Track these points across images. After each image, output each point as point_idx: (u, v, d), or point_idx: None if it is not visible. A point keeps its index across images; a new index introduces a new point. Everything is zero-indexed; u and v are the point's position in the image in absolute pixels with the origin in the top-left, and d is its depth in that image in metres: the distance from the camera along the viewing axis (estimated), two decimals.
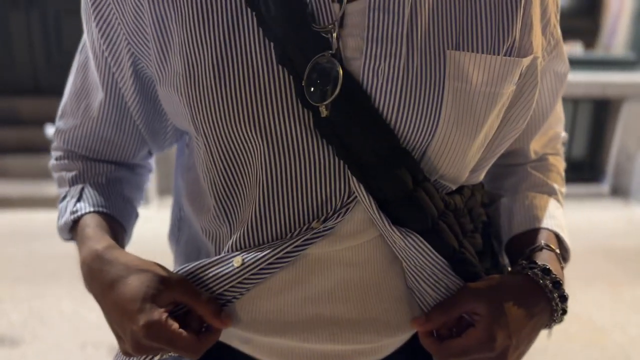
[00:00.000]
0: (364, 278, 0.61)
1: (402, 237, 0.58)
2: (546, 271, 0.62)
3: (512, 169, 0.76)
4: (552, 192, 0.74)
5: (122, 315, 0.58)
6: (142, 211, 0.73)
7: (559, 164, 0.78)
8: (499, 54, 0.56)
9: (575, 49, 4.49)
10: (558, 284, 0.61)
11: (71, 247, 2.95)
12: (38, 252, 3.31)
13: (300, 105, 0.54)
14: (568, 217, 0.75)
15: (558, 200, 0.73)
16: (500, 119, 0.61)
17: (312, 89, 0.52)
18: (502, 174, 0.77)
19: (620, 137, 4.38)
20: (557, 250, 0.65)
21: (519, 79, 0.59)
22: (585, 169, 4.58)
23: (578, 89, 4.23)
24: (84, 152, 0.73)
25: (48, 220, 3.81)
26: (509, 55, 0.56)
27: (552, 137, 0.77)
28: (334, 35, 0.53)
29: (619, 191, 4.45)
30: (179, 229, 0.74)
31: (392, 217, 0.58)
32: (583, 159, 4.59)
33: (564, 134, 0.80)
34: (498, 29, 0.56)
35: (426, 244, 0.59)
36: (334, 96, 0.52)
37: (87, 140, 0.71)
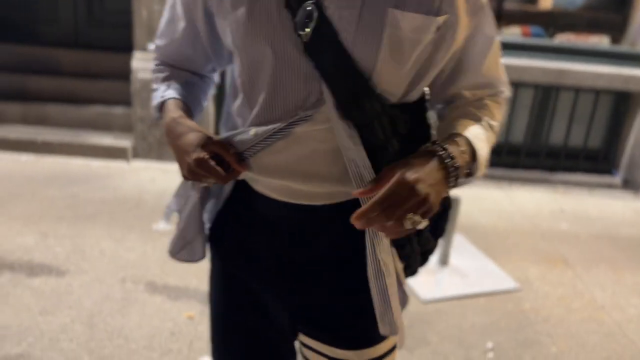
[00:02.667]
0: (326, 150, 0.93)
1: (345, 127, 0.88)
2: (436, 144, 0.88)
3: (455, 107, 1.03)
4: (478, 120, 0.98)
5: (183, 153, 0.94)
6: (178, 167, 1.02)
7: (495, 109, 1.02)
8: (421, 13, 0.84)
9: (601, 41, 4.58)
10: (447, 153, 0.86)
11: (109, 193, 3.38)
12: (78, 195, 3.53)
13: (295, 34, 0.85)
14: (579, 204, 0.94)
15: (482, 126, 0.97)
16: (426, 56, 0.89)
17: (301, 24, 0.84)
18: (450, 111, 1.04)
19: (637, 131, 4.48)
20: (460, 142, 0.90)
21: (437, 30, 0.86)
22: (600, 159, 4.71)
23: (600, 81, 4.33)
24: (171, 62, 1.10)
25: (85, 166, 4.07)
26: (429, 15, 0.85)
27: (489, 88, 1.03)
28: None
29: (630, 183, 4.57)
30: (227, 118, 1.08)
31: (344, 113, 0.87)
32: (599, 150, 4.71)
33: (506, 94, 1.06)
34: None
35: (357, 135, 0.88)
36: (310, 28, 0.83)
37: (173, 54, 1.08)
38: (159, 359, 2.16)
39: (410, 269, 1.09)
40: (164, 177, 3.95)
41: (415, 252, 1.05)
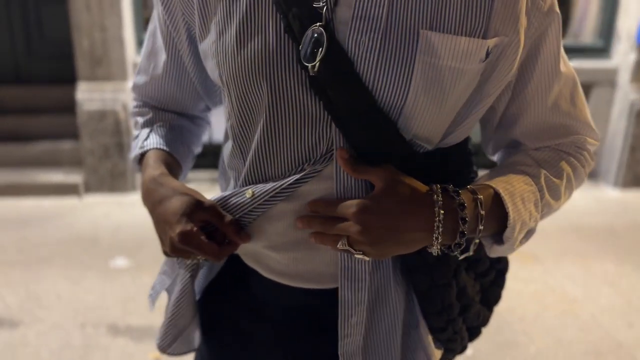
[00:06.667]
0: None
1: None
2: (454, 192, 0.68)
3: (512, 153, 0.83)
4: (534, 175, 0.75)
5: (165, 224, 0.74)
6: (132, 197, 0.85)
7: (566, 165, 0.78)
8: (465, 35, 0.66)
9: None
10: (444, 203, 0.66)
11: (62, 232, 3.10)
12: (29, 237, 3.35)
13: (298, 66, 0.67)
14: None
15: (534, 182, 0.75)
16: (472, 90, 0.70)
17: (307, 52, 0.65)
18: (504, 157, 0.84)
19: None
20: (481, 196, 0.69)
21: (487, 57, 0.68)
22: None
23: None
24: (153, 103, 0.91)
25: (36, 207, 3.87)
26: (474, 37, 0.66)
27: (562, 136, 0.79)
28: (324, 10, 0.66)
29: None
30: (223, 169, 0.90)
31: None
32: None
33: (590, 146, 0.81)
34: (467, 13, 0.66)
35: None
36: (319, 57, 0.64)
37: (155, 93, 0.89)
38: None
39: (453, 352, 0.90)
40: (119, 210, 3.80)
41: (459, 333, 0.86)
